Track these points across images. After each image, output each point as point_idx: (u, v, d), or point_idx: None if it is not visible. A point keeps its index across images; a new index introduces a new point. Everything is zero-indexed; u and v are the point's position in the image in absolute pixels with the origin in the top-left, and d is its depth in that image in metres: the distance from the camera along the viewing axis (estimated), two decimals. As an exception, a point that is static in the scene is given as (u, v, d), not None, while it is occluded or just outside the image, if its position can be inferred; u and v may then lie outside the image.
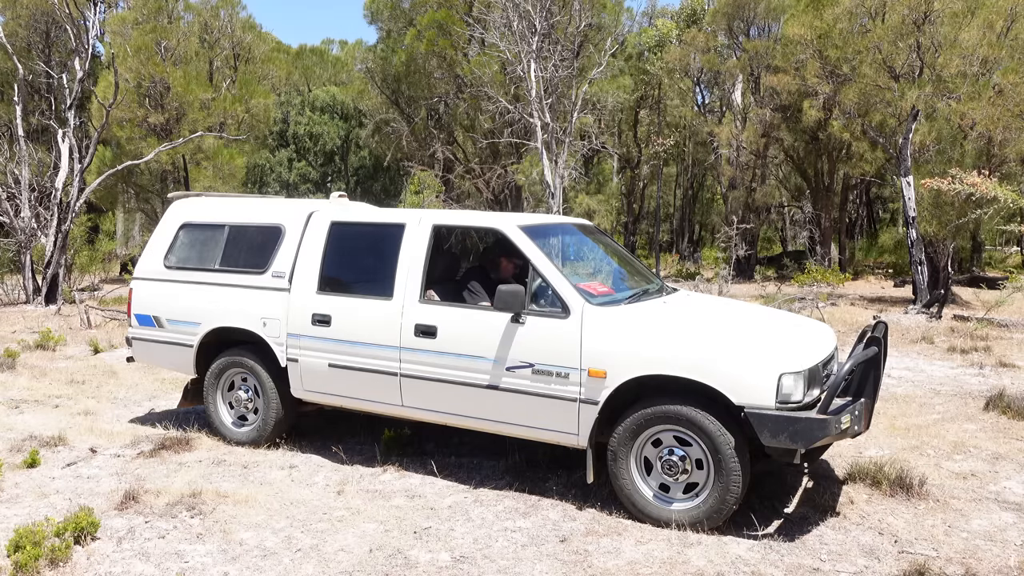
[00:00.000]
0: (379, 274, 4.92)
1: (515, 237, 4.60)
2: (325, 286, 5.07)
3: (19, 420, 6.33)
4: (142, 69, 21.89)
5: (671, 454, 4.05)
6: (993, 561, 3.70)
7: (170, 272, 5.78)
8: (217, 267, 5.57)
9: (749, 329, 4.50)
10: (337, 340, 4.96)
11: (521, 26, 18.05)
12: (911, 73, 15.27)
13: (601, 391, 4.13)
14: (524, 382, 4.34)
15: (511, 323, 4.39)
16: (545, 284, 4.41)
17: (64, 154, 15.53)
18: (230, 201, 6.06)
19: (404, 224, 4.93)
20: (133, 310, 5.94)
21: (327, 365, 5.02)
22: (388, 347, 4.78)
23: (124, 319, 12.51)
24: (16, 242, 15.43)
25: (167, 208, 6.09)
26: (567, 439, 4.31)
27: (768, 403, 3.79)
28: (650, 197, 34.21)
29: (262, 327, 5.27)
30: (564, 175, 18.69)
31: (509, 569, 3.65)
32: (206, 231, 5.78)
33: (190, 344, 5.62)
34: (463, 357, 4.53)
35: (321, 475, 4.94)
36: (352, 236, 5.20)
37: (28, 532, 3.64)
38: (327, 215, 5.26)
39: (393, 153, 27.09)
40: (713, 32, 25.49)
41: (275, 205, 5.74)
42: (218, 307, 5.49)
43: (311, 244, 5.19)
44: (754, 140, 22.73)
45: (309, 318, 5.06)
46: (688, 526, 3.97)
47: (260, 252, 5.41)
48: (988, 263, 24.39)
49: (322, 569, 3.65)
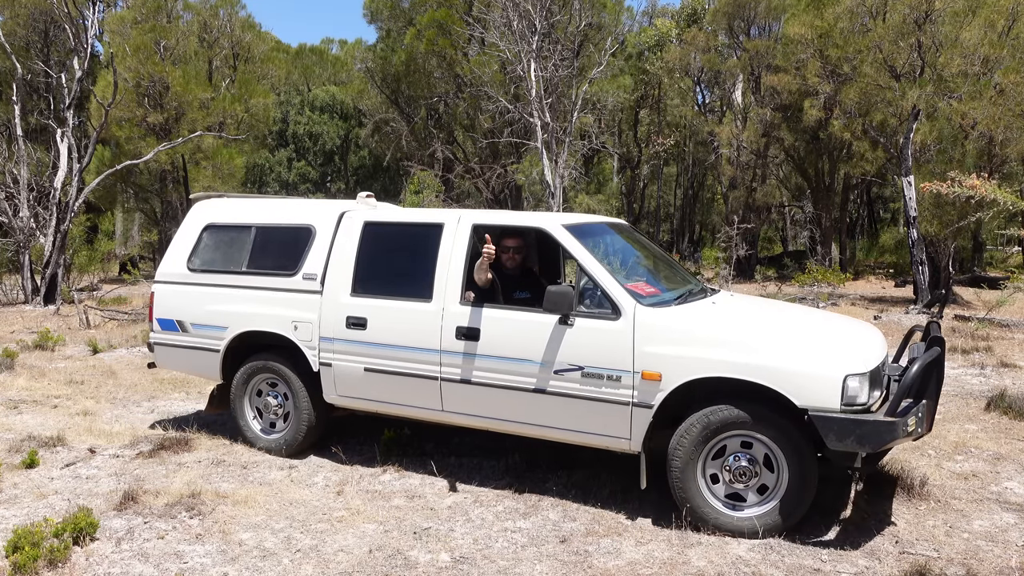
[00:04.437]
0: (417, 275, 4.76)
1: (561, 237, 4.47)
2: (359, 288, 4.92)
3: (18, 420, 6.32)
4: (141, 68, 21.88)
5: (739, 459, 3.95)
6: (994, 562, 3.68)
7: (194, 275, 5.59)
8: (244, 269, 5.39)
9: (809, 330, 4.41)
10: (373, 343, 4.82)
11: (521, 25, 18.04)
12: (912, 72, 15.26)
13: (655, 394, 4.02)
14: (573, 385, 4.22)
15: (559, 325, 4.27)
16: (594, 285, 4.29)
17: (63, 154, 15.51)
18: (255, 202, 5.89)
19: (442, 224, 4.78)
20: (155, 314, 5.73)
21: (362, 369, 4.87)
22: (428, 350, 4.63)
23: (123, 319, 12.50)
24: (15, 242, 15.41)
25: (189, 209, 5.94)
26: (618, 444, 4.20)
27: (833, 405, 3.70)
28: (650, 197, 34.22)
29: (293, 331, 5.10)
30: (564, 175, 18.68)
31: (509, 569, 3.64)
32: (231, 233, 5.60)
33: (216, 349, 5.44)
34: (508, 360, 4.40)
35: (321, 475, 4.92)
36: (387, 237, 5.04)
37: (27, 533, 3.63)
38: (359, 215, 5.11)
39: (393, 153, 27.08)
40: (713, 31, 25.48)
41: (303, 206, 5.61)
42: (246, 311, 5.30)
43: (343, 245, 5.04)
44: (754, 140, 22.72)
45: (343, 321, 4.91)
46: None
47: (290, 254, 5.24)
48: (989, 263, 24.38)
49: (321, 569, 3.64)
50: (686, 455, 3.98)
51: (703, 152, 29.10)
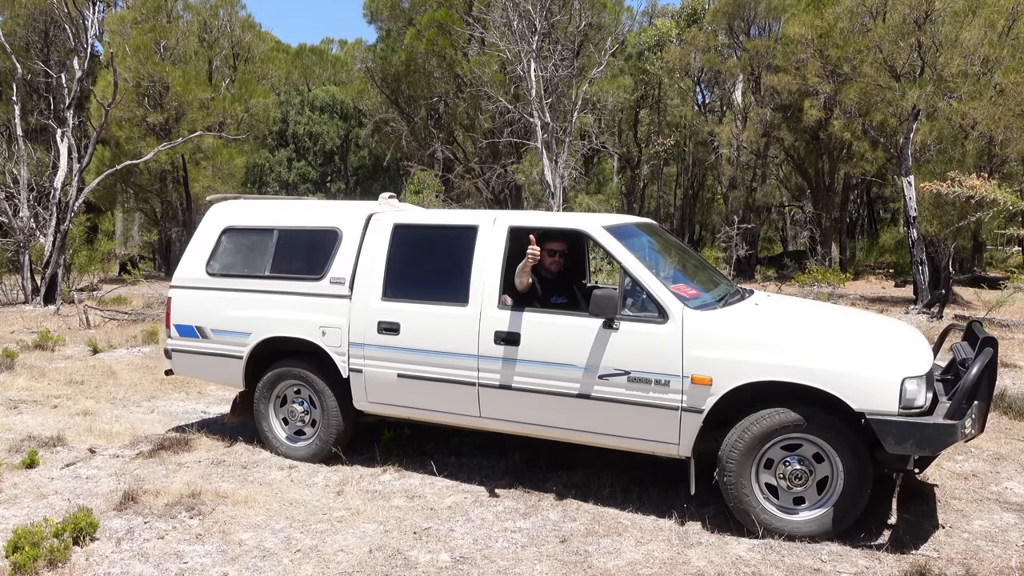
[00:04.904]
0: (451, 279, 4.65)
1: (602, 239, 4.40)
2: (391, 292, 4.80)
3: (18, 420, 6.32)
4: (141, 68, 21.89)
5: (792, 463, 3.91)
6: (994, 562, 3.68)
7: (214, 280, 5.42)
8: (267, 274, 5.23)
9: (861, 332, 4.35)
10: (407, 349, 4.70)
11: (521, 26, 18.04)
12: (912, 72, 15.26)
13: (706, 399, 3.96)
14: (619, 390, 4.15)
15: (603, 329, 4.19)
16: (639, 288, 4.21)
17: (63, 154, 15.51)
18: (275, 203, 5.71)
19: (477, 226, 4.69)
20: (172, 320, 5.56)
21: (395, 375, 4.75)
22: (465, 356, 4.53)
23: (123, 319, 12.50)
24: (15, 242, 15.41)
25: (206, 212, 5.77)
26: (666, 449, 4.14)
27: (891, 409, 3.66)
28: (650, 197, 34.22)
29: (320, 336, 4.96)
30: (564, 175, 18.68)
31: (509, 569, 3.63)
32: (252, 236, 5.45)
33: (239, 356, 5.28)
34: (550, 365, 4.31)
35: (321, 475, 4.92)
36: (418, 239, 4.92)
37: (27, 533, 3.63)
38: (388, 217, 4.98)
39: (393, 153, 27.09)
40: (713, 31, 25.48)
41: (327, 208, 5.48)
42: (270, 316, 5.14)
43: (373, 248, 4.91)
44: (754, 140, 22.72)
45: (374, 326, 4.79)
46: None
47: (315, 257, 5.10)
48: (989, 263, 24.39)
49: (321, 570, 3.64)
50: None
51: (703, 152, 29.10)
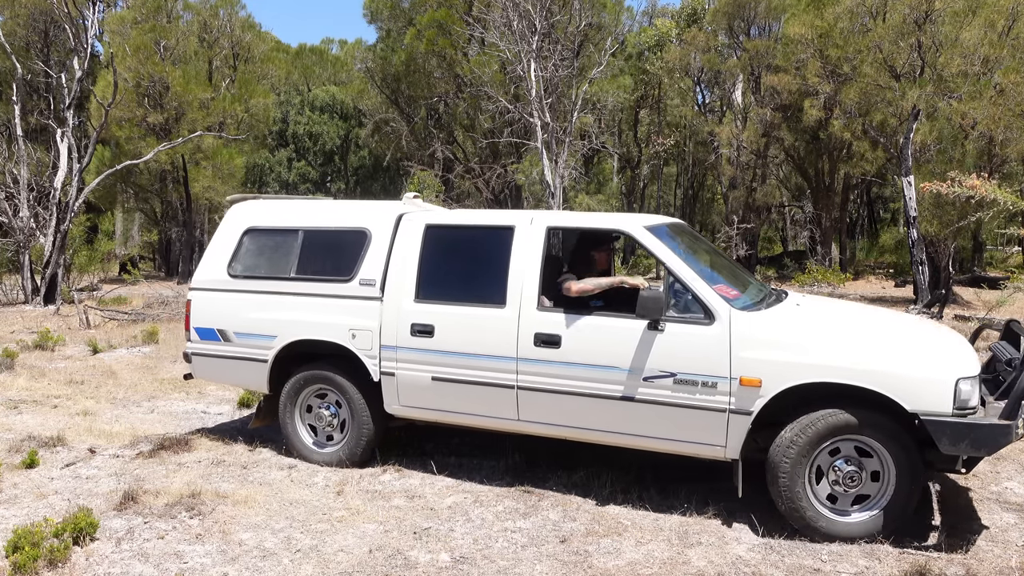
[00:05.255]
0: (487, 280, 4.60)
1: (645, 239, 4.36)
2: (424, 294, 4.71)
3: (18, 420, 6.32)
4: (141, 68, 21.90)
5: (845, 464, 3.89)
6: (994, 562, 3.68)
7: (236, 281, 5.29)
8: (293, 275, 5.12)
9: (911, 334, 4.33)
10: (442, 351, 4.62)
11: (521, 26, 18.04)
12: (912, 72, 15.26)
13: (755, 400, 3.93)
14: (664, 393, 4.11)
15: (648, 330, 4.14)
16: (683, 288, 4.17)
17: (63, 154, 15.52)
18: (298, 204, 5.60)
19: (513, 227, 4.62)
20: (192, 323, 5.42)
21: (430, 378, 4.67)
22: (503, 358, 4.46)
23: (123, 319, 12.50)
24: (15, 242, 15.42)
25: (226, 212, 5.67)
26: (712, 451, 4.10)
27: (945, 410, 3.65)
28: (650, 197, 34.23)
29: (350, 339, 4.86)
30: (564, 175, 18.68)
31: (509, 570, 3.63)
32: (276, 236, 5.32)
33: (264, 359, 5.16)
34: (592, 367, 4.26)
35: (320, 475, 4.92)
36: (451, 240, 4.85)
37: (27, 533, 3.63)
38: (420, 218, 4.90)
39: (393, 153, 27.10)
40: (713, 31, 25.48)
41: (354, 208, 5.38)
42: (297, 318, 5.03)
43: (404, 249, 4.82)
44: (754, 140, 22.72)
45: (407, 328, 4.71)
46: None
47: (343, 258, 5.00)
48: (989, 263, 24.41)
49: (321, 570, 3.64)
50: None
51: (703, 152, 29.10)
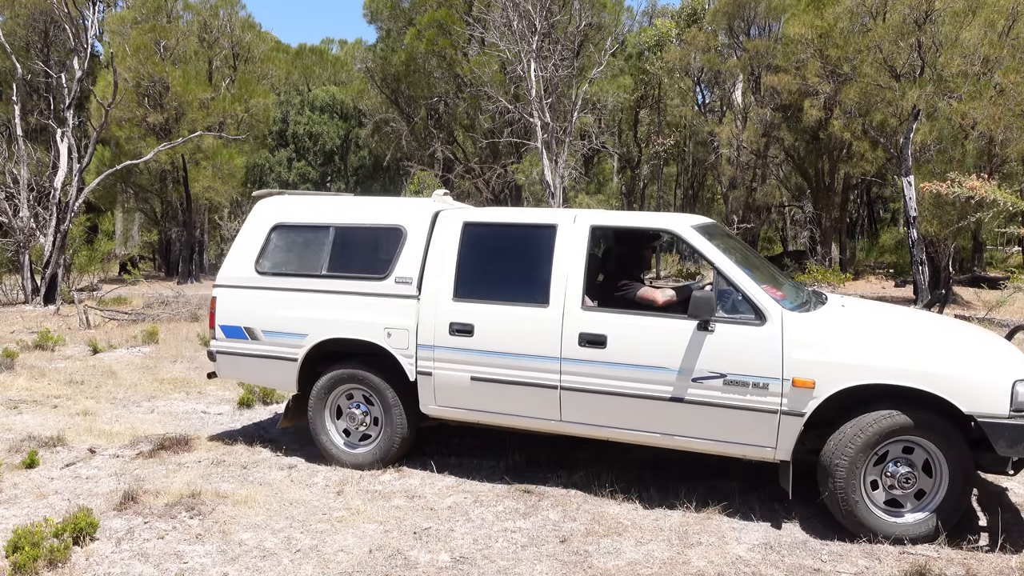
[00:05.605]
0: (529, 279, 4.56)
1: (692, 239, 4.33)
2: (462, 292, 4.65)
3: (18, 420, 6.32)
4: (141, 68, 21.91)
5: (899, 466, 3.90)
6: (994, 562, 3.68)
7: (264, 279, 5.18)
8: (325, 273, 5.02)
9: (964, 336, 4.32)
10: (482, 351, 4.56)
11: (521, 26, 18.05)
12: (912, 72, 15.27)
13: (808, 402, 3.91)
14: (714, 393, 4.08)
15: (698, 331, 4.11)
16: (733, 289, 4.15)
17: (63, 154, 15.52)
18: (328, 200, 5.53)
19: (556, 225, 4.58)
20: (218, 321, 5.30)
21: (469, 378, 4.62)
22: (546, 358, 4.42)
23: (123, 319, 12.50)
24: (15, 242, 15.43)
25: (252, 207, 5.53)
26: (762, 453, 4.09)
27: (1003, 411, 3.66)
28: (650, 197, 34.24)
29: (386, 338, 4.79)
30: (564, 175, 18.69)
31: (509, 570, 3.63)
32: (305, 233, 5.23)
33: (294, 358, 5.05)
34: (640, 368, 4.22)
35: (320, 475, 4.92)
36: (491, 238, 4.80)
37: (27, 533, 3.63)
38: (458, 215, 4.85)
39: (393, 153, 27.11)
40: (713, 31, 25.49)
41: (387, 205, 5.29)
42: (329, 317, 4.94)
43: (441, 247, 4.76)
44: (755, 140, 22.73)
45: (446, 328, 4.64)
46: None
47: (378, 256, 4.94)
48: (989, 263, 24.41)
49: (321, 570, 3.64)
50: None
51: (703, 152, 29.12)
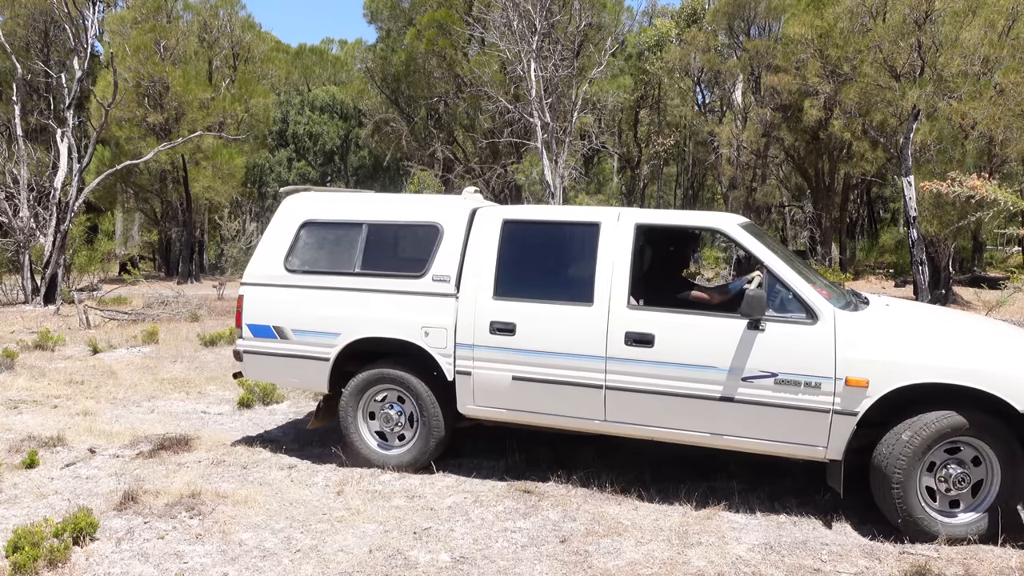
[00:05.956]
0: (572, 278, 4.58)
1: (741, 238, 4.33)
2: (503, 291, 4.61)
3: (18, 420, 6.32)
4: (141, 68, 21.92)
5: (953, 466, 3.91)
6: (994, 562, 3.69)
7: (294, 276, 5.10)
8: (358, 270, 4.95)
9: (1012, 336, 4.32)
10: (524, 350, 4.52)
11: (521, 26, 18.05)
12: (912, 72, 15.27)
13: (861, 401, 3.92)
14: (764, 393, 4.07)
15: (748, 330, 4.10)
16: (783, 288, 4.15)
17: (63, 154, 15.52)
18: (358, 197, 5.46)
19: (599, 223, 4.54)
20: (245, 320, 5.20)
21: (510, 378, 4.57)
22: (591, 357, 4.38)
23: (123, 319, 12.50)
24: (15, 242, 15.43)
25: (280, 204, 5.43)
26: (812, 452, 4.08)
27: None
28: (650, 197, 34.25)
29: (423, 337, 4.73)
30: (564, 175, 18.70)
31: (509, 570, 3.64)
32: (337, 230, 5.15)
33: (325, 357, 4.97)
34: (688, 367, 4.20)
35: (320, 475, 4.92)
36: (531, 236, 4.77)
37: (27, 533, 3.63)
38: (497, 213, 4.81)
39: (393, 153, 27.12)
40: (713, 31, 25.50)
41: (422, 202, 5.24)
42: (363, 315, 4.87)
43: (480, 245, 4.72)
44: (754, 140, 22.74)
45: (486, 327, 4.60)
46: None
47: (413, 254, 4.88)
48: (989, 263, 24.42)
49: (321, 569, 3.64)
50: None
51: (703, 152, 29.13)
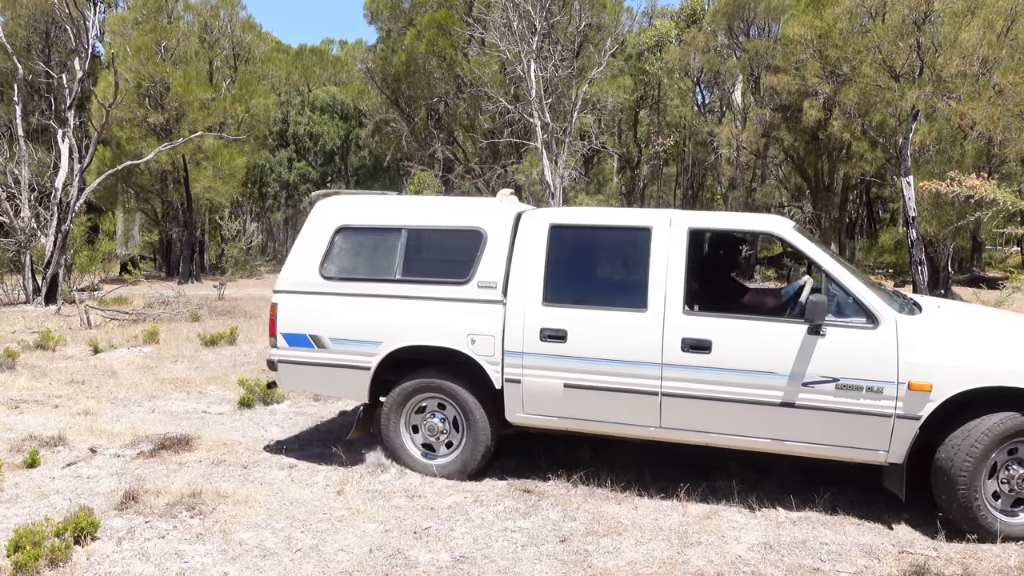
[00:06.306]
0: (624, 283, 4.57)
1: (797, 241, 4.32)
2: (552, 297, 4.56)
3: (19, 420, 6.33)
4: (142, 69, 21.93)
5: (1013, 468, 3.95)
6: (993, 561, 3.70)
7: (331, 284, 4.98)
8: (398, 277, 4.86)
9: None
10: (576, 358, 4.48)
11: (521, 26, 18.07)
12: (911, 73, 15.28)
13: (924, 405, 3.93)
14: (826, 398, 4.07)
15: (809, 335, 4.09)
16: (843, 292, 4.15)
17: (64, 154, 15.54)
18: (396, 200, 5.38)
19: (650, 228, 4.50)
20: (280, 329, 5.07)
21: (562, 386, 4.51)
22: (646, 364, 4.35)
23: (124, 319, 12.51)
24: (16, 242, 15.45)
25: (312, 209, 5.32)
26: (872, 456, 4.10)
27: None
28: (650, 197, 34.25)
29: (469, 345, 4.65)
30: (564, 175, 18.71)
31: (509, 569, 3.65)
32: (374, 236, 5.05)
33: (366, 367, 4.87)
34: (747, 373, 4.19)
35: (321, 475, 4.93)
36: (579, 240, 4.75)
37: (28, 532, 3.64)
38: (543, 217, 4.74)
39: (393, 153, 27.14)
40: (713, 32, 25.52)
41: (462, 206, 5.14)
42: (405, 323, 4.78)
43: (527, 250, 4.66)
44: (754, 140, 22.75)
45: (536, 334, 4.54)
46: None
47: (456, 259, 4.81)
48: (988, 263, 24.43)
49: (322, 569, 3.65)
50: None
51: (703, 152, 29.14)
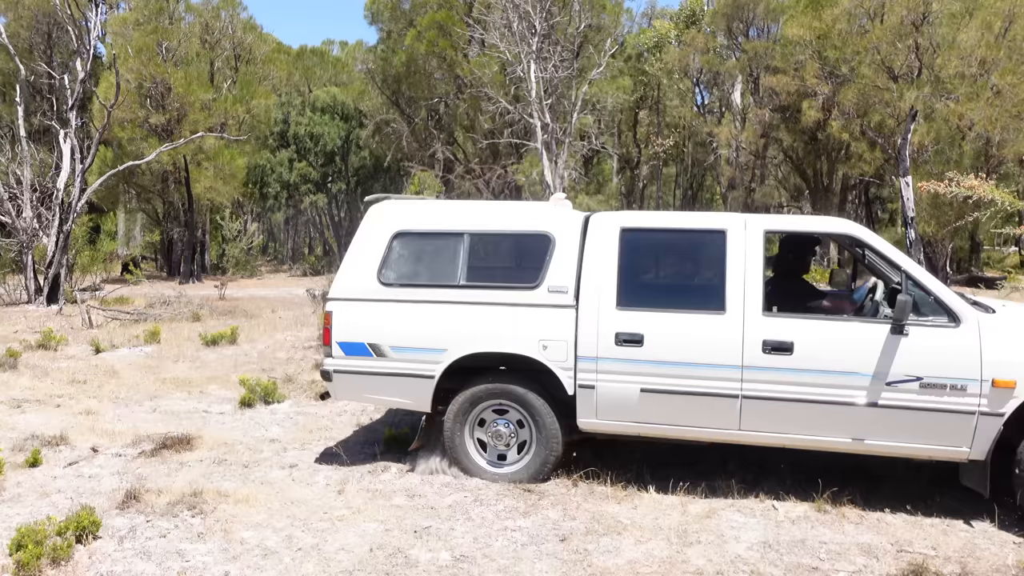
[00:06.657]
0: (700, 286, 4.60)
1: (874, 241, 4.37)
2: (626, 301, 4.53)
3: (21, 419, 6.35)
4: (143, 70, 21.96)
5: None
6: (991, 560, 3.71)
7: (390, 290, 4.86)
8: (462, 283, 4.77)
9: None
10: (653, 362, 4.45)
11: (521, 27, 18.09)
12: (910, 74, 15.31)
13: (1008, 402, 4.00)
14: (909, 397, 4.11)
15: (892, 334, 4.13)
16: (923, 292, 4.20)
17: (66, 155, 15.57)
18: (454, 205, 5.31)
19: (725, 230, 4.50)
20: (336, 338, 4.92)
21: (638, 390, 4.48)
22: (726, 366, 4.34)
23: (126, 319, 12.53)
24: (18, 242, 15.48)
25: (365, 213, 5.19)
26: (954, 453, 4.14)
27: None
28: (650, 197, 34.26)
29: (541, 351, 4.59)
30: (564, 175, 18.73)
31: (509, 568, 3.66)
32: (435, 241, 4.97)
33: (430, 375, 4.75)
34: (830, 374, 4.20)
35: (321, 474, 4.94)
36: (651, 244, 4.77)
37: (30, 531, 3.65)
38: (613, 221, 4.72)
39: (393, 153, 27.16)
40: (712, 33, 25.55)
41: (527, 210, 5.11)
42: (472, 330, 4.70)
43: (598, 254, 4.63)
44: (753, 140, 22.77)
45: (611, 338, 4.50)
46: None
47: (524, 264, 4.79)
48: (986, 263, 24.44)
49: (322, 568, 3.66)
50: None
51: (702, 153, 29.16)
